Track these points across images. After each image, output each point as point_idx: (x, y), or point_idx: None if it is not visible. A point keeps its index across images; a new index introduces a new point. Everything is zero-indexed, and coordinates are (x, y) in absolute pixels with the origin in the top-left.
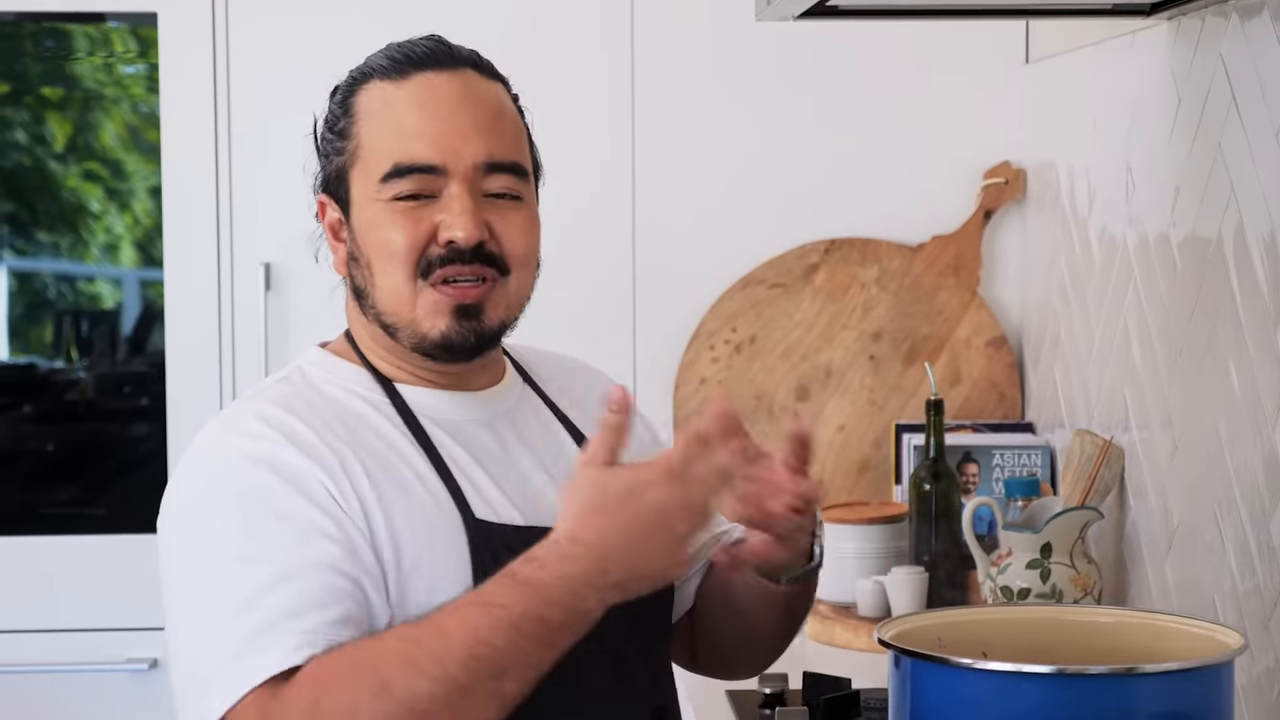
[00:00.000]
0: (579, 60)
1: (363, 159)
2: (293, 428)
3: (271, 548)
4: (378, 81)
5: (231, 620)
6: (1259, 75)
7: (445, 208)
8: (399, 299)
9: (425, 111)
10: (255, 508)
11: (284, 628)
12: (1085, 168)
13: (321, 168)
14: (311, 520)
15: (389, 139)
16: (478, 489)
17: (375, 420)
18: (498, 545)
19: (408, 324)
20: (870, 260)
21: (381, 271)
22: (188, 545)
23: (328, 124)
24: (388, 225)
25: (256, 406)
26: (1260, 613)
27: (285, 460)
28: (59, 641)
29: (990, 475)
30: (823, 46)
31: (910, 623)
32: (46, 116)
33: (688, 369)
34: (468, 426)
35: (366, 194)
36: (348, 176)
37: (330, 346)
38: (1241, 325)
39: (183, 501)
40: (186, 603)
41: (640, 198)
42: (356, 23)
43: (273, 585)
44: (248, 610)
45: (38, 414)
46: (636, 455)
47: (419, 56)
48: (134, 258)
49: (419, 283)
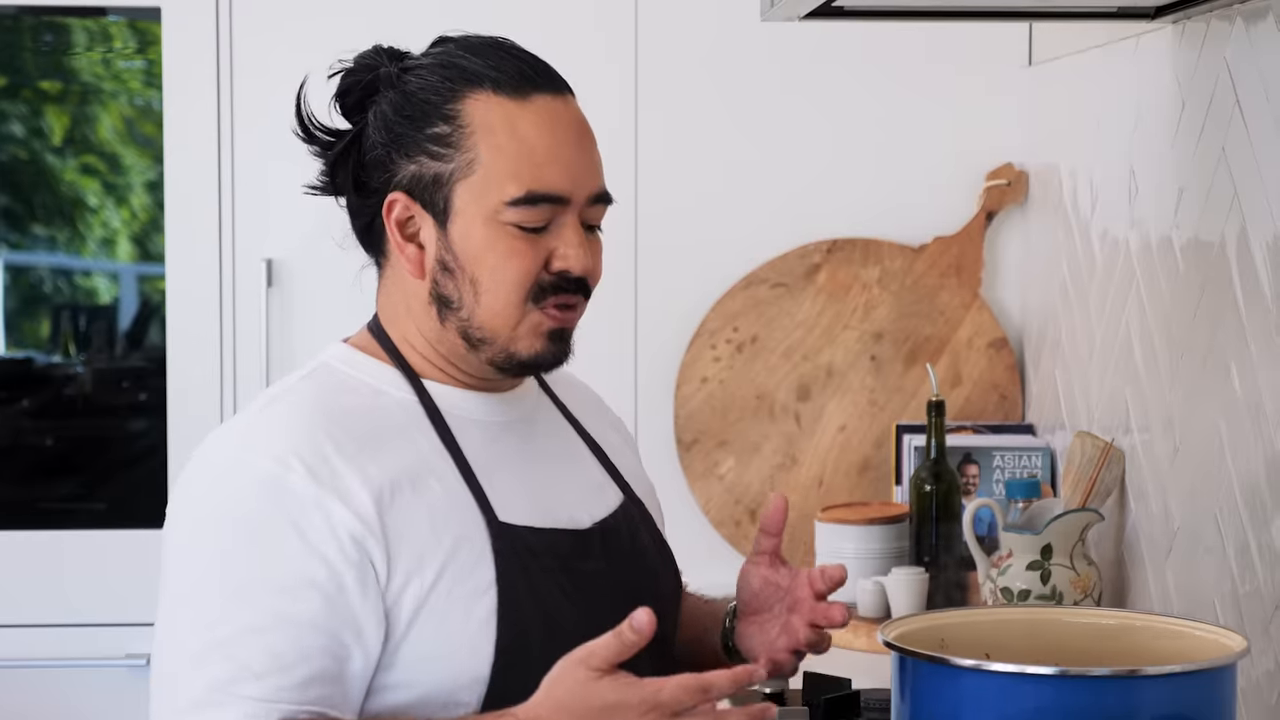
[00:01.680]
0: (583, 58)
1: (481, 175)
2: (313, 446)
3: (254, 589)
4: (490, 94)
5: (199, 661)
6: (1263, 79)
7: (560, 238)
8: (503, 319)
9: (555, 139)
10: (250, 543)
11: (242, 690)
12: (1088, 170)
13: (389, 165)
14: (301, 570)
15: (519, 162)
16: (499, 491)
17: (402, 422)
18: (519, 546)
19: (504, 342)
20: (872, 261)
21: (491, 291)
22: (181, 563)
23: (409, 121)
24: (505, 250)
25: (283, 415)
26: (1261, 615)
27: (297, 492)
28: (57, 636)
29: (991, 476)
30: (826, 47)
31: (913, 624)
32: (44, 110)
33: (689, 368)
34: (493, 427)
35: (480, 211)
36: (451, 186)
37: (354, 341)
38: (1244, 328)
39: (188, 514)
40: (166, 624)
41: (642, 197)
42: (361, 18)
43: (244, 635)
44: (213, 656)
45: (36, 408)
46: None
47: (532, 75)
48: (131, 252)
49: (527, 305)
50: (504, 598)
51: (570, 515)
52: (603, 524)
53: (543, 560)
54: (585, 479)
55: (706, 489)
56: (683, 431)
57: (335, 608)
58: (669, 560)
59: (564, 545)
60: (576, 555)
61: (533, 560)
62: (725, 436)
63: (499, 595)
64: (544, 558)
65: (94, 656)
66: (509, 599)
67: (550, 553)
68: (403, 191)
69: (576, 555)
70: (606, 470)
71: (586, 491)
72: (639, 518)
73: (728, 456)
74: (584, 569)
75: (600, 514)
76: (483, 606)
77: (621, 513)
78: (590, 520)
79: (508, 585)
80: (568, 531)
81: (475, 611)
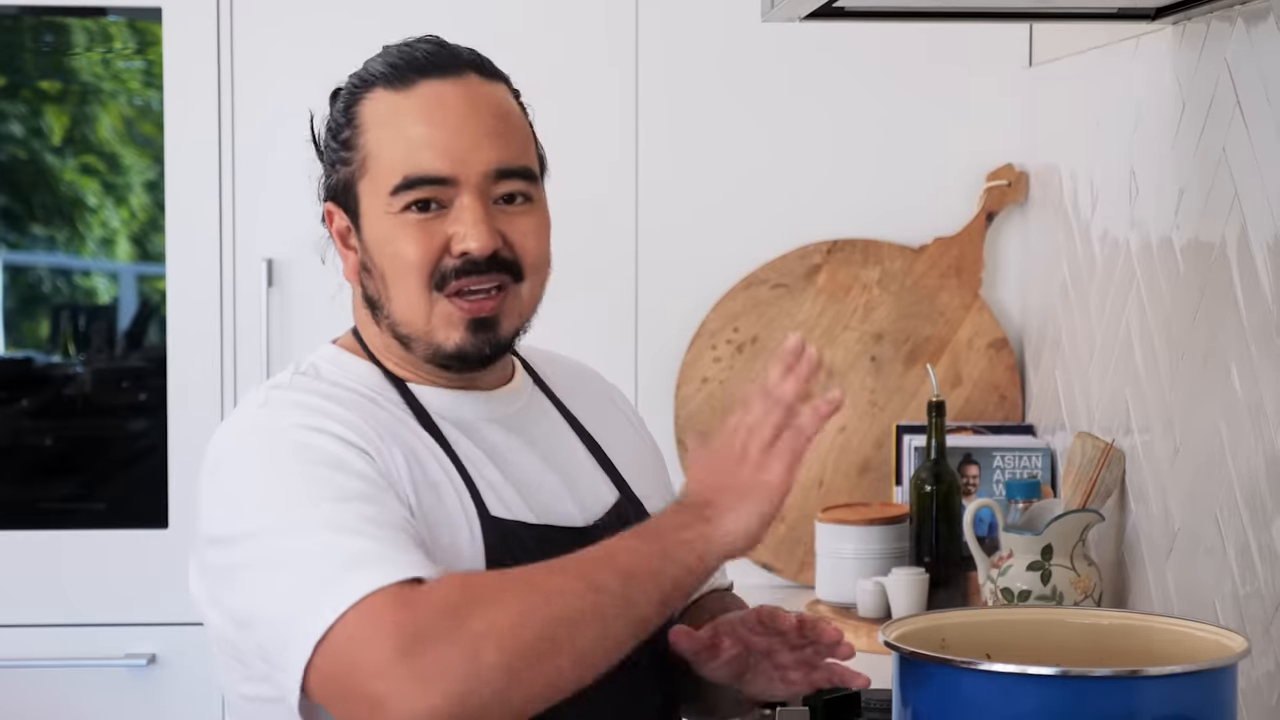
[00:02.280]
0: (584, 59)
1: (371, 171)
2: (332, 411)
3: (351, 493)
4: (381, 90)
5: (335, 541)
6: (1264, 80)
7: (457, 219)
8: (414, 311)
9: (433, 122)
10: (325, 465)
11: (390, 550)
12: (1088, 171)
13: (326, 175)
14: (376, 480)
15: (397, 151)
16: (492, 486)
17: (393, 418)
18: (511, 542)
19: (423, 335)
20: (872, 261)
21: (396, 284)
22: (259, 494)
23: (331, 132)
24: (400, 238)
25: (288, 395)
26: (1261, 616)
27: (340, 433)
28: (58, 636)
29: (991, 477)
30: (827, 48)
31: (914, 624)
32: (44, 110)
33: (689, 368)
34: (480, 425)
35: (377, 206)
36: (356, 187)
37: (341, 343)
38: (1244, 329)
39: (245, 463)
40: (269, 535)
41: (643, 197)
42: (362, 18)
43: (362, 519)
44: (348, 534)
45: (36, 408)
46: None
47: (421, 63)
48: (130, 252)
49: (434, 294)
50: None
51: (564, 513)
52: (597, 523)
53: (535, 557)
54: (580, 477)
55: None
56: (683, 432)
57: (408, 518)
58: None
59: (557, 542)
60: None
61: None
62: None
63: None
64: (536, 555)
65: (94, 656)
66: None
67: (542, 550)
68: (332, 200)
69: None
70: (603, 467)
71: (582, 490)
72: (634, 517)
73: None
74: None
75: (595, 513)
76: None
77: (616, 512)
78: (584, 519)
79: None
80: (561, 529)
81: None
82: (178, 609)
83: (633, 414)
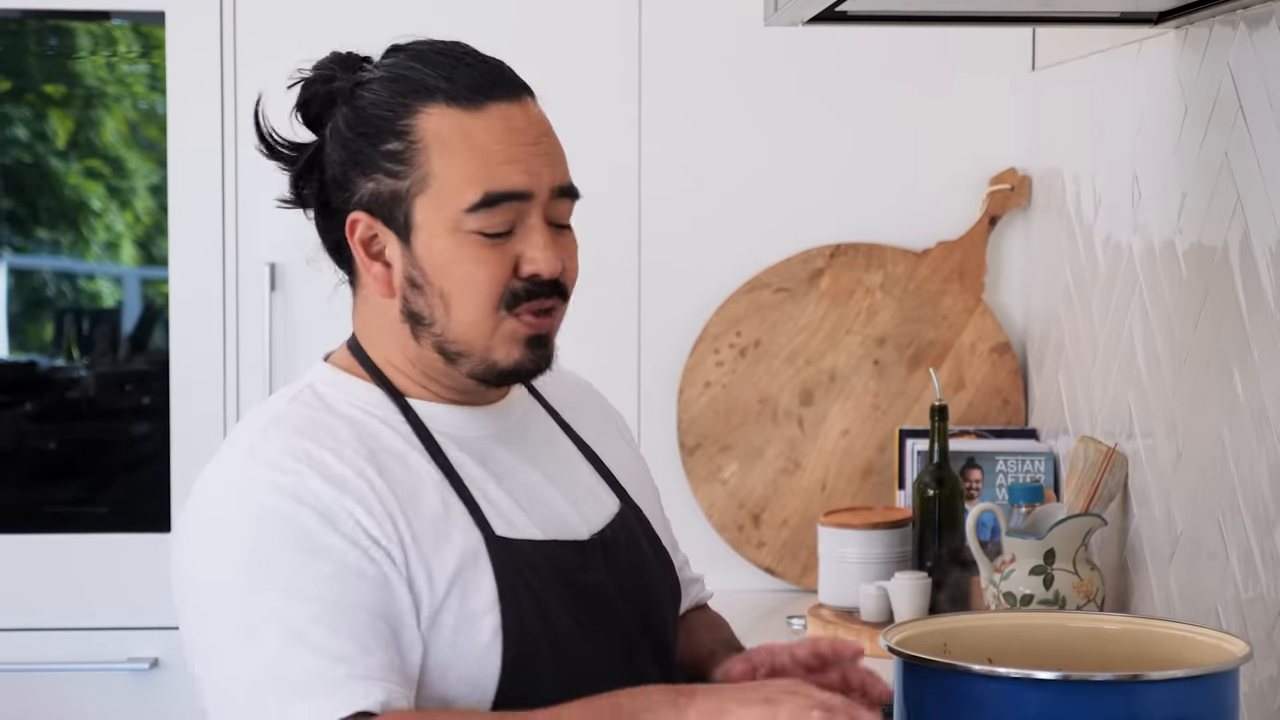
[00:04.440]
0: (586, 63)
1: (435, 189)
2: (319, 458)
3: (313, 583)
4: (443, 107)
5: (284, 654)
6: (1266, 84)
7: (526, 240)
8: (476, 330)
9: (510, 141)
10: (291, 545)
11: (338, 672)
12: (1091, 175)
13: (348, 183)
14: (346, 560)
15: (472, 168)
16: (495, 505)
17: (392, 441)
18: (519, 561)
19: (481, 353)
20: (875, 265)
21: (461, 304)
22: (220, 574)
23: (364, 138)
24: (470, 260)
25: (278, 437)
26: (1264, 621)
27: (316, 493)
28: (60, 640)
29: (994, 481)
30: (829, 52)
31: (916, 628)
32: (48, 113)
33: (692, 372)
34: (480, 441)
35: (442, 223)
36: (409, 203)
37: (336, 360)
38: (1247, 333)
39: (211, 532)
40: (226, 632)
41: (646, 201)
42: (366, 22)
43: (317, 623)
44: (299, 646)
45: (39, 412)
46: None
47: (485, 84)
48: (134, 256)
49: (501, 314)
50: (506, 615)
51: (568, 526)
52: (601, 534)
53: (543, 574)
54: (581, 488)
55: (709, 493)
56: (685, 436)
57: (388, 596)
58: (668, 568)
59: (565, 557)
60: (577, 567)
61: (534, 575)
62: (728, 441)
63: (502, 613)
64: (544, 571)
65: (98, 660)
66: (512, 616)
67: (550, 566)
68: (363, 210)
69: (577, 567)
70: (602, 476)
71: (583, 501)
72: (637, 526)
73: (731, 461)
74: (584, 581)
75: (598, 524)
76: (487, 624)
77: (619, 521)
78: (588, 531)
79: (510, 602)
80: (567, 543)
81: (481, 628)
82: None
83: (625, 428)
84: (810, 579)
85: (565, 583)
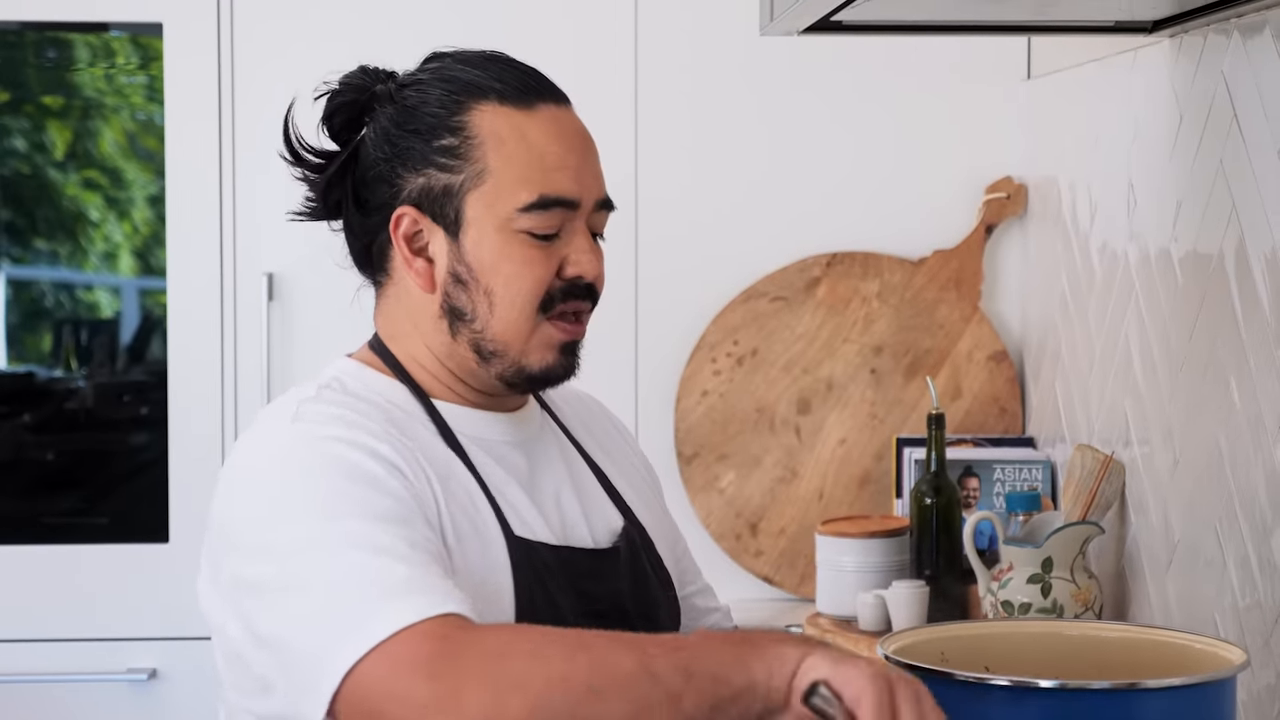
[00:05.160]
0: (582, 72)
1: (491, 184)
2: (367, 425)
3: (387, 509)
4: (498, 105)
5: (373, 562)
6: (1260, 92)
7: (571, 245)
8: (515, 330)
9: (563, 146)
10: (360, 481)
11: (433, 575)
12: (1087, 183)
13: (394, 179)
14: (409, 502)
15: (529, 169)
16: (514, 507)
17: (420, 432)
18: (536, 563)
19: (515, 354)
20: (872, 274)
21: (504, 302)
22: (289, 510)
23: (415, 134)
24: (519, 259)
25: (323, 409)
26: (1261, 629)
27: (375, 448)
28: (59, 651)
29: (991, 489)
30: (825, 62)
31: (913, 637)
32: (46, 124)
33: (689, 381)
34: (501, 446)
35: (494, 220)
36: (462, 198)
37: (359, 357)
38: (1242, 341)
39: (271, 478)
40: (300, 552)
41: (643, 210)
42: (362, 33)
43: (398, 540)
44: (386, 557)
45: (37, 423)
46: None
47: (535, 86)
48: (133, 266)
49: (538, 316)
50: (521, 614)
51: (581, 536)
52: (613, 547)
53: (557, 578)
54: (590, 502)
55: (707, 502)
56: (683, 445)
57: (441, 546)
58: (669, 588)
59: (579, 564)
60: (590, 575)
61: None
62: (725, 450)
63: (517, 612)
64: (559, 576)
65: (95, 671)
66: (526, 616)
67: (565, 570)
68: (411, 205)
69: (590, 575)
70: (608, 494)
71: (593, 514)
72: (640, 543)
73: (728, 470)
74: (594, 591)
75: (608, 538)
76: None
77: (624, 538)
78: (597, 544)
79: (525, 601)
80: (581, 550)
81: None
82: (179, 623)
83: (634, 444)
84: (808, 588)
85: (578, 589)
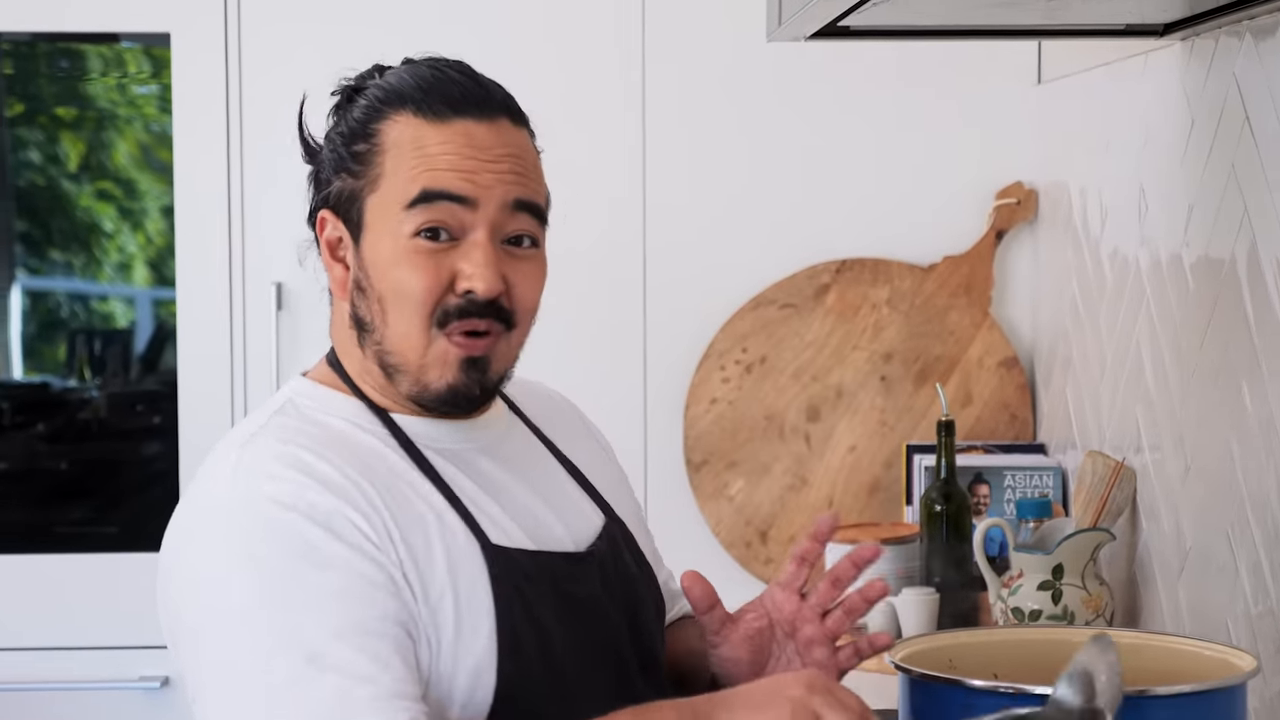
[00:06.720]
0: (590, 80)
1: (384, 189)
2: (310, 464)
3: (324, 598)
4: (410, 115)
5: (304, 676)
6: (1273, 95)
7: (466, 256)
8: (409, 343)
9: (464, 153)
10: (298, 559)
11: (361, 693)
12: (1098, 188)
13: (322, 180)
14: (356, 569)
15: (417, 169)
16: (488, 515)
17: (381, 451)
18: (515, 571)
19: (414, 370)
20: (881, 281)
21: (395, 311)
22: (225, 597)
23: (343, 137)
24: (407, 265)
25: (266, 447)
26: (1274, 635)
27: (314, 502)
28: (71, 659)
29: (1001, 496)
30: (834, 67)
31: (921, 644)
32: (60, 136)
33: (698, 389)
34: (467, 454)
35: (386, 224)
36: (362, 202)
37: (313, 375)
38: (1255, 346)
39: (210, 554)
40: (237, 657)
41: (651, 217)
42: (370, 45)
43: (335, 640)
44: (318, 667)
45: (51, 433)
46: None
47: (456, 98)
48: (147, 277)
49: (433, 331)
50: (502, 625)
51: (556, 539)
52: (590, 548)
53: (537, 585)
54: (566, 503)
55: (716, 510)
56: (692, 452)
57: (399, 601)
58: (652, 582)
59: (558, 568)
60: (569, 579)
61: (528, 585)
62: (735, 457)
63: (497, 622)
64: (538, 582)
65: (107, 679)
66: (507, 626)
67: (544, 576)
68: (329, 209)
69: (569, 579)
70: (586, 491)
71: (569, 515)
72: (622, 539)
73: (737, 477)
74: (575, 593)
75: (585, 538)
76: (483, 634)
77: (605, 536)
78: (575, 545)
79: (505, 612)
80: (559, 554)
81: (477, 638)
82: None
83: (605, 442)
84: None
85: (558, 593)
